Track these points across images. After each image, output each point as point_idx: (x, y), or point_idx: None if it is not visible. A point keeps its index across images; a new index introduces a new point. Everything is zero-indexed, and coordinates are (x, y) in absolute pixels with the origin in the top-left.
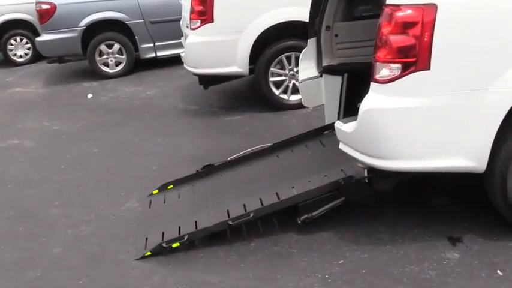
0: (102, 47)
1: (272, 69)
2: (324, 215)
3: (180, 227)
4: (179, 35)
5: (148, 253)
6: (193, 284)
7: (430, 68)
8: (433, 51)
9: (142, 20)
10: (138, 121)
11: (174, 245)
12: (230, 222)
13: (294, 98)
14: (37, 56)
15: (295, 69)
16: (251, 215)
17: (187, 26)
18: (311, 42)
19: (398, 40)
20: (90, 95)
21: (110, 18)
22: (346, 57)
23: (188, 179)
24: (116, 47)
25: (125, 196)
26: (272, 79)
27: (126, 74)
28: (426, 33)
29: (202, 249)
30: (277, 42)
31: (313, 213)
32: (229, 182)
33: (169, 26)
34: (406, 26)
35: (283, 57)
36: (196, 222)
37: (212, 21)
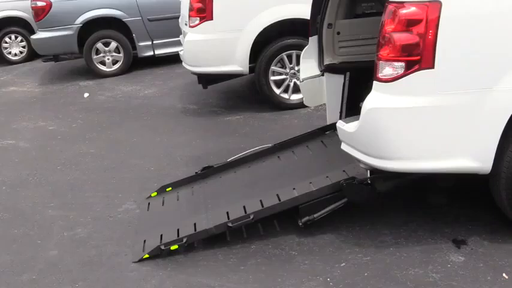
0: (99, 45)
1: (273, 67)
2: (326, 217)
3: (178, 230)
4: (177, 32)
5: (146, 256)
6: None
7: (434, 67)
8: (437, 50)
9: (140, 18)
10: (135, 121)
11: (173, 247)
12: (230, 224)
13: (295, 97)
14: (32, 54)
15: (296, 68)
16: (251, 217)
17: (186, 24)
18: (312, 40)
19: (402, 38)
20: (86, 94)
21: (106, 15)
22: (349, 56)
23: (187, 180)
24: (113, 45)
25: (122, 198)
26: (273, 78)
27: (124, 73)
28: (430, 31)
29: (202, 252)
30: (278, 40)
31: (315, 215)
32: (228, 184)
33: (167, 24)
34: (409, 24)
35: (284, 55)
36: (195, 224)
37: (211, 18)
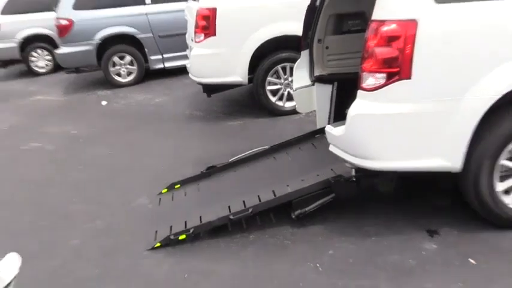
0: (115, 59)
1: (269, 78)
2: (316, 210)
3: (186, 221)
4: (185, 47)
5: (158, 244)
6: (198, 272)
7: (411, 78)
8: (414, 63)
9: (152, 35)
10: (148, 126)
11: (181, 237)
12: (231, 217)
13: (289, 104)
14: (56, 67)
15: (290, 79)
16: (250, 211)
17: (192, 40)
18: (304, 54)
19: (383, 52)
20: (104, 102)
21: (122, 32)
22: (336, 68)
23: (194, 178)
24: (128, 58)
25: (136, 194)
26: (269, 87)
27: (137, 83)
28: (408, 46)
29: (206, 241)
30: (273, 54)
31: (306, 209)
32: (230, 181)
33: (176, 40)
34: (390, 40)
35: (279, 67)
36: (200, 217)
37: (214, 35)
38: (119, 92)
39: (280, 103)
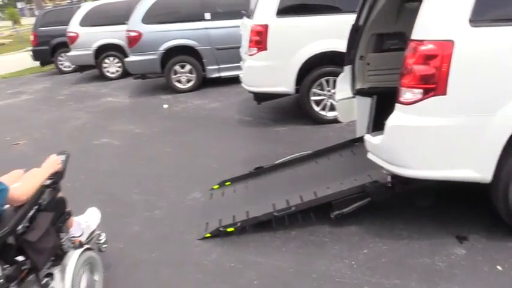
0: (177, 67)
1: (314, 89)
2: (353, 212)
3: (234, 216)
4: (239, 59)
5: (208, 235)
6: (243, 262)
7: (446, 94)
8: (449, 80)
9: (210, 47)
10: (203, 128)
11: (229, 229)
12: (275, 214)
13: (331, 114)
14: (125, 73)
15: (333, 91)
16: (292, 209)
17: (245, 53)
18: (347, 69)
19: (421, 69)
20: (165, 106)
21: (184, 44)
22: (376, 82)
23: (243, 177)
24: (188, 67)
25: (191, 188)
26: (313, 98)
27: (195, 90)
28: (444, 64)
29: (252, 235)
30: (318, 67)
31: (344, 210)
32: (275, 181)
33: (231, 52)
34: (427, 58)
35: (323, 80)
36: (247, 212)
37: (266, 49)
38: (178, 97)
39: (323, 112)
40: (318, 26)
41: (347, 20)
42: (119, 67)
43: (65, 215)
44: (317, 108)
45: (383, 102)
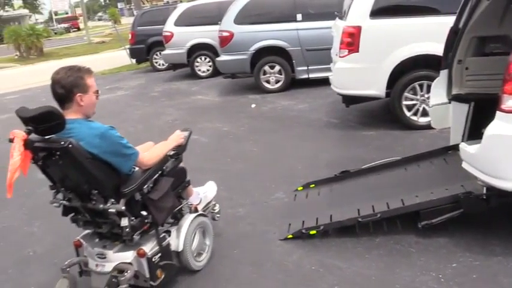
0: (266, 68)
1: (406, 94)
2: (442, 223)
3: (317, 218)
4: (328, 61)
5: (290, 236)
6: (324, 266)
7: None
8: None
9: (300, 48)
10: (289, 129)
11: (311, 232)
12: (359, 219)
13: (423, 119)
14: (215, 72)
15: (426, 96)
16: (378, 215)
17: (336, 54)
18: (443, 73)
19: None
20: (253, 105)
21: (274, 45)
22: (474, 88)
23: (327, 180)
24: (277, 68)
25: (274, 188)
26: (405, 102)
27: (283, 90)
28: None
29: (334, 239)
30: (412, 71)
31: (433, 220)
32: (361, 187)
33: (321, 53)
34: None
35: (416, 84)
36: (331, 216)
37: (358, 51)
38: (266, 97)
39: (414, 118)
40: (413, 28)
41: (445, 22)
42: (210, 66)
43: (184, 183)
44: (408, 113)
45: (481, 109)
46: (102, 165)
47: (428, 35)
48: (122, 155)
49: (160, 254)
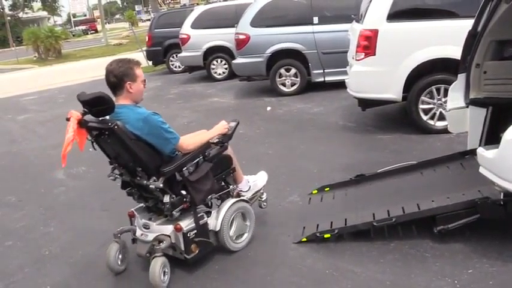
0: (282, 71)
1: (423, 97)
2: (458, 228)
3: (332, 222)
4: (344, 64)
5: (304, 239)
6: (338, 270)
7: None
8: None
9: (316, 51)
10: (304, 132)
11: (326, 236)
12: (374, 224)
13: (440, 124)
14: (231, 74)
15: (443, 100)
16: (393, 220)
17: (352, 57)
18: (461, 77)
19: None
20: (269, 108)
21: (290, 48)
22: (492, 92)
23: (342, 184)
24: (293, 71)
25: (289, 191)
26: (422, 106)
27: (299, 93)
28: None
29: (349, 243)
30: (429, 75)
31: (449, 226)
32: (377, 191)
33: (337, 57)
34: None
35: (433, 88)
36: (346, 219)
37: (374, 54)
38: (282, 100)
39: (431, 122)
40: (431, 31)
41: (463, 26)
42: (226, 69)
43: (229, 170)
44: (425, 117)
45: (499, 114)
46: (145, 146)
47: (445, 38)
48: (163, 138)
49: (195, 231)
